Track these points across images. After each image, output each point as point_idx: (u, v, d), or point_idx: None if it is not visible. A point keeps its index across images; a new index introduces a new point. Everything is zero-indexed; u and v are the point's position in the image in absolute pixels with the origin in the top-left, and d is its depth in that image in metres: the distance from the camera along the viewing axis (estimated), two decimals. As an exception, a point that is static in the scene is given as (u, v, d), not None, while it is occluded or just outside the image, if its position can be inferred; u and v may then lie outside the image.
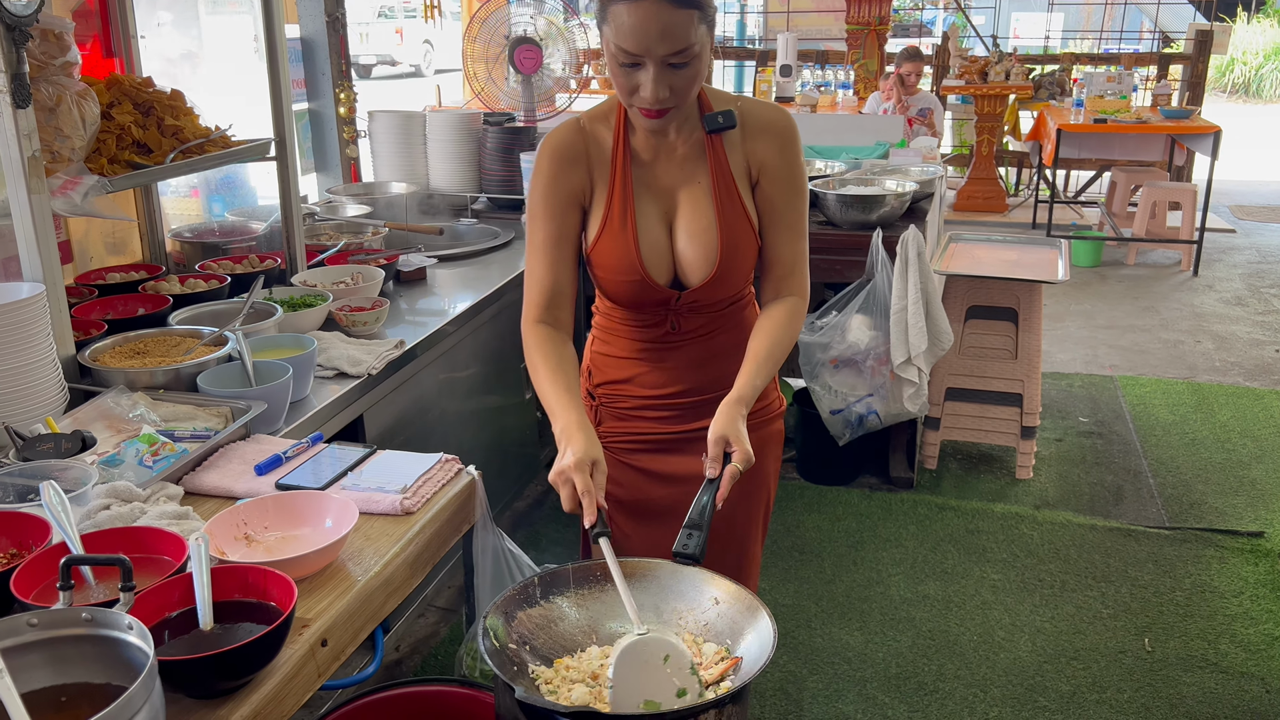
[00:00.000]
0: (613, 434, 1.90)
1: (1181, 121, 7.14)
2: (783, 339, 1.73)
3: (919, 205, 3.83)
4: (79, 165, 2.11)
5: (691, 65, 1.57)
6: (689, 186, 1.74)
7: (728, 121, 1.72)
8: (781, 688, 2.73)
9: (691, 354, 1.83)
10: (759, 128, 1.75)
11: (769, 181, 1.75)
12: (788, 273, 1.78)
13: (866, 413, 3.53)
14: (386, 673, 2.77)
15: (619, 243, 1.72)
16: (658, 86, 1.56)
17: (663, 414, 1.87)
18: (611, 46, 1.56)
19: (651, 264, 1.73)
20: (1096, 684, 2.75)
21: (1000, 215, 8.48)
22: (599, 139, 1.74)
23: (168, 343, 2.20)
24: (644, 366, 1.85)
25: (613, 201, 1.72)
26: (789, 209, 1.77)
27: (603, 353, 1.90)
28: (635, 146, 1.73)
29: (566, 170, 1.72)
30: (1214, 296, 6.43)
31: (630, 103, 1.62)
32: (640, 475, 1.91)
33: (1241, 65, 18.72)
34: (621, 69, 1.58)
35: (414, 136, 3.95)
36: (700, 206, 1.73)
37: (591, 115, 1.77)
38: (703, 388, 1.85)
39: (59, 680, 1.11)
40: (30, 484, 1.53)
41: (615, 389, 1.88)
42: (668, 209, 1.74)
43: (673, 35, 1.52)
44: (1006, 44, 10.77)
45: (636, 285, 1.74)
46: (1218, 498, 3.76)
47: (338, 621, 1.39)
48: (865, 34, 8.18)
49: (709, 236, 1.72)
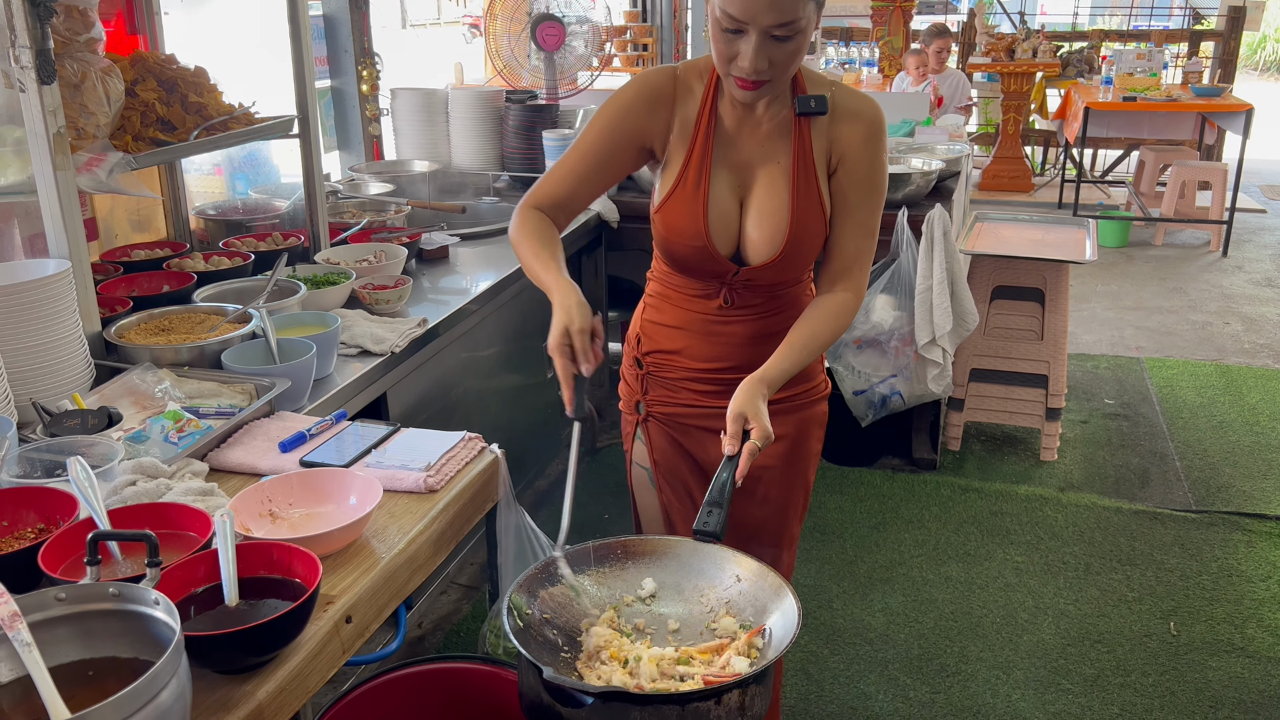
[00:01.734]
0: (658, 402, 1.91)
1: (1213, 99, 7.03)
2: (824, 331, 1.71)
3: (945, 184, 3.79)
4: (104, 142, 2.11)
5: (795, 40, 1.54)
6: (768, 165, 1.71)
7: (820, 106, 1.68)
8: (803, 667, 2.73)
9: (742, 331, 1.82)
10: (848, 116, 1.71)
11: (847, 173, 1.72)
12: (847, 268, 1.75)
13: (890, 394, 3.51)
14: (409, 649, 2.79)
15: (689, 207, 1.70)
16: (758, 57, 1.53)
17: (708, 388, 1.86)
18: (716, 10, 1.53)
19: (717, 234, 1.71)
20: (1121, 667, 2.73)
21: (1026, 195, 8.39)
22: (689, 95, 1.72)
23: (192, 320, 2.20)
24: (694, 339, 1.84)
25: (689, 165, 1.70)
26: (861, 206, 1.74)
27: (654, 320, 1.89)
28: (721, 113, 1.71)
29: (648, 108, 1.71)
30: (1243, 277, 6.34)
31: (727, 71, 1.59)
32: (686, 459, 1.92)
33: (1274, 42, 18.41)
34: (723, 34, 1.55)
35: (436, 114, 3.93)
36: (776, 187, 1.71)
37: (688, 68, 1.75)
38: (750, 365, 1.82)
39: (87, 655, 1.11)
40: (57, 459, 1.54)
41: (664, 358, 1.88)
42: (742, 183, 1.73)
43: (781, 6, 1.49)
44: (1034, 21, 10.64)
45: (698, 251, 1.73)
46: (1245, 481, 3.72)
47: (362, 598, 1.39)
48: (890, 11, 8.09)
49: (780, 219, 1.70)
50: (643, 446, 1.95)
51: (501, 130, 3.86)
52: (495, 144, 3.88)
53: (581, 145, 1.74)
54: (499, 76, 4.13)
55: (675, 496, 1.95)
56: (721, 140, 1.72)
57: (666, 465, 1.93)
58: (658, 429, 1.92)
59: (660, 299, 1.88)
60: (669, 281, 1.85)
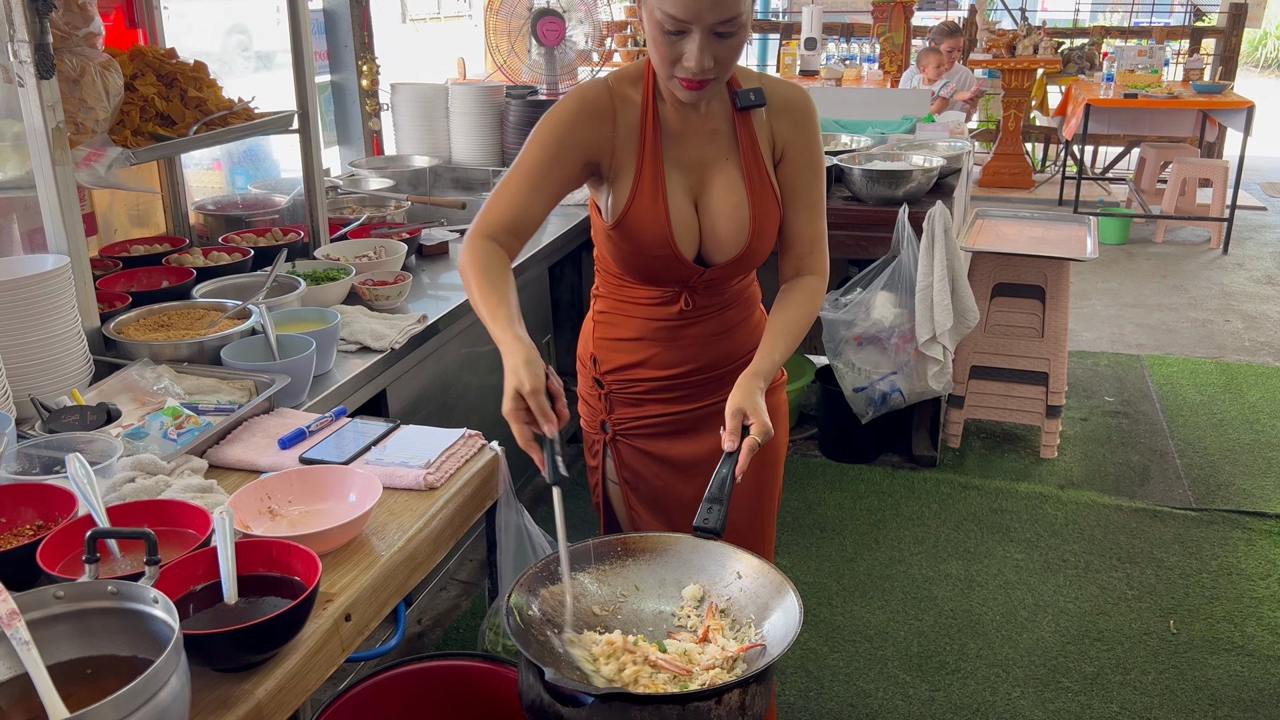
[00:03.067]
0: (625, 420, 1.89)
1: (1214, 96, 7.02)
2: (802, 316, 1.73)
3: (946, 181, 3.78)
4: (103, 137, 2.11)
5: (737, 35, 1.54)
6: (719, 163, 1.71)
7: (759, 99, 1.69)
8: (803, 665, 2.73)
9: (704, 331, 1.82)
10: (782, 107, 1.73)
11: (791, 161, 1.74)
12: (808, 251, 1.77)
13: (890, 390, 3.50)
14: (408, 646, 2.79)
15: (651, 215, 1.68)
16: (703, 55, 1.52)
17: (676, 394, 1.86)
18: (656, 13, 1.51)
19: (680, 238, 1.70)
20: (1120, 665, 2.73)
21: (1027, 191, 8.38)
22: (628, 105, 1.70)
23: (191, 315, 2.20)
24: (656, 348, 1.83)
25: (642, 173, 1.68)
26: (809, 188, 1.76)
27: (609, 338, 1.86)
28: (664, 117, 1.70)
29: (589, 123, 1.68)
30: (1244, 275, 6.34)
31: (671, 73, 1.57)
32: (658, 464, 1.90)
33: (1275, 39, 18.37)
34: (665, 36, 1.53)
35: (436, 109, 3.93)
36: (732, 184, 1.71)
37: (619, 78, 1.72)
38: (715, 363, 1.84)
39: (85, 652, 1.11)
40: (56, 456, 1.54)
41: (625, 374, 1.86)
42: (694, 183, 1.72)
43: (724, 2, 1.49)
44: (1035, 17, 10.61)
45: (663, 259, 1.72)
46: (1246, 479, 3.72)
47: (362, 596, 1.39)
48: (891, 7, 8.07)
49: (740, 215, 1.70)
50: (613, 464, 1.94)
51: (502, 125, 3.86)
52: (495, 139, 3.88)
53: (525, 164, 1.69)
54: (499, 71, 4.12)
55: (647, 513, 1.93)
56: (669, 143, 1.70)
57: (637, 481, 1.92)
58: (626, 446, 1.90)
59: (613, 314, 1.85)
60: (623, 295, 1.83)
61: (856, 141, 4.13)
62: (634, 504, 1.93)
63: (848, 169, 3.54)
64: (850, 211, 3.53)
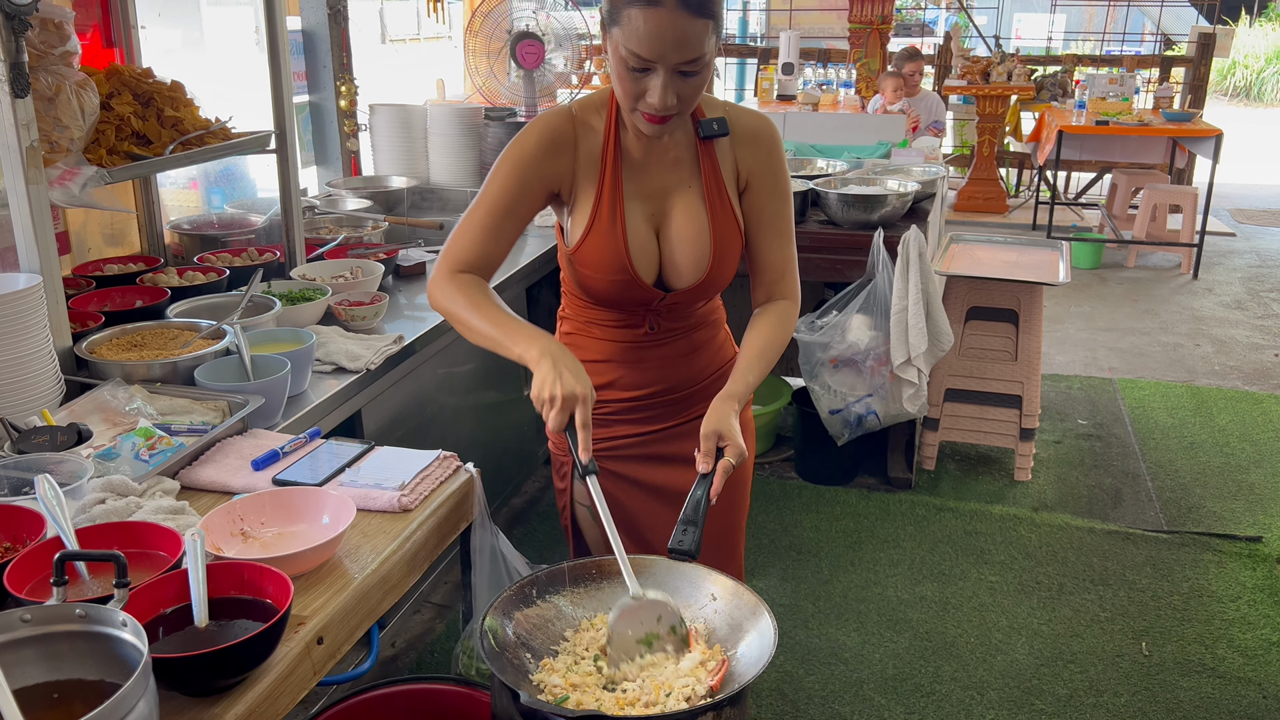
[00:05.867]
0: (594, 441, 1.88)
1: (1183, 124, 7.13)
2: (775, 340, 1.76)
3: (921, 205, 3.82)
4: (77, 156, 2.10)
5: (701, 74, 1.56)
6: (681, 191, 1.73)
7: (722, 129, 1.71)
8: (778, 688, 2.73)
9: (669, 352, 1.84)
10: (746, 136, 1.75)
11: (757, 189, 1.76)
12: (778, 277, 1.80)
13: (866, 413, 3.52)
14: (382, 669, 2.76)
15: (608, 241, 1.70)
16: (666, 94, 1.53)
17: (643, 414, 1.87)
18: (621, 50, 1.52)
19: (639, 263, 1.72)
20: (1093, 687, 2.74)
21: (1000, 216, 8.47)
22: (590, 133, 1.71)
23: (165, 335, 2.18)
24: (622, 369, 1.84)
25: (601, 200, 1.70)
26: (777, 215, 1.78)
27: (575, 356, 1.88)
28: (626, 146, 1.72)
29: (550, 155, 1.70)
30: (1214, 300, 6.43)
31: (634, 107, 1.59)
32: (628, 486, 1.91)
33: (1243, 69, 18.72)
34: (629, 73, 1.54)
35: (415, 130, 3.93)
36: (693, 212, 1.72)
37: (583, 105, 1.74)
38: (682, 383, 1.87)
39: (52, 676, 1.09)
40: (25, 477, 1.52)
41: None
42: (655, 211, 1.73)
43: (688, 43, 1.50)
44: (1009, 44, 10.76)
45: (622, 284, 1.73)
46: (1216, 502, 3.76)
47: (334, 619, 1.38)
48: (868, 33, 8.15)
49: (701, 244, 1.72)
50: (582, 486, 1.94)
51: (480, 147, 3.87)
52: (474, 161, 3.88)
53: (488, 199, 1.69)
54: (478, 93, 4.13)
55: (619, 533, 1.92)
56: (630, 171, 1.72)
57: (611, 500, 1.91)
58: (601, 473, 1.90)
59: (579, 335, 1.87)
60: (588, 317, 1.84)
61: (832, 166, 4.17)
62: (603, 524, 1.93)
63: (823, 193, 3.57)
64: (826, 235, 3.56)
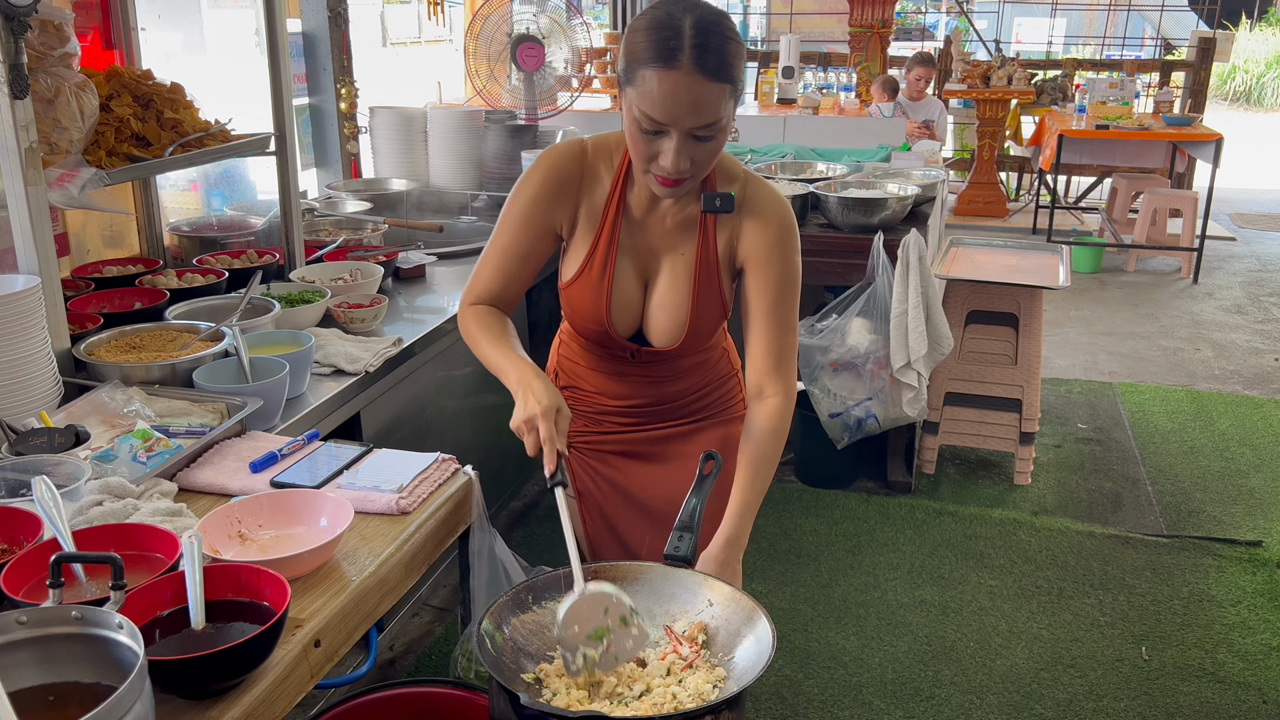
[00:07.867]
0: (581, 433, 1.91)
1: (1183, 128, 7.13)
2: (769, 452, 1.68)
3: (920, 209, 3.82)
4: (77, 157, 2.10)
5: (717, 139, 1.52)
6: (672, 255, 1.72)
7: (725, 205, 1.66)
8: (777, 692, 2.72)
9: (655, 373, 1.84)
10: (756, 213, 1.69)
11: (761, 274, 1.69)
12: (771, 368, 1.70)
13: (865, 416, 3.52)
14: (380, 672, 2.76)
15: (593, 294, 1.71)
16: (679, 157, 1.50)
17: (630, 419, 1.89)
18: (635, 111, 1.49)
19: (619, 318, 1.73)
20: (1093, 692, 2.74)
21: (1000, 220, 8.47)
22: (596, 182, 1.70)
23: (164, 337, 2.18)
24: (609, 381, 1.86)
25: (595, 253, 1.70)
26: (780, 305, 1.70)
27: (570, 358, 1.91)
28: (629, 202, 1.70)
29: (556, 197, 1.69)
30: (1214, 304, 6.42)
31: (647, 169, 1.55)
32: (609, 486, 1.92)
33: (1243, 73, 18.73)
34: (643, 134, 1.51)
35: (415, 133, 3.93)
36: (679, 280, 1.71)
37: (596, 146, 1.71)
38: (669, 399, 1.87)
39: (48, 679, 1.09)
40: (22, 479, 1.52)
41: (583, 394, 1.90)
42: (646, 268, 1.73)
43: (703, 108, 1.46)
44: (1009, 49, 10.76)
45: (600, 333, 1.75)
46: (1216, 506, 3.75)
47: (332, 622, 1.38)
48: (868, 37, 8.16)
49: (680, 314, 1.72)
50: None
51: (480, 150, 3.87)
52: (474, 163, 3.89)
53: (501, 242, 1.72)
54: (478, 96, 4.13)
55: (598, 527, 1.95)
56: (628, 228, 1.71)
57: (589, 496, 1.94)
58: (579, 460, 1.92)
59: (573, 340, 1.89)
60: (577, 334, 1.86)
61: (832, 169, 4.17)
62: (585, 515, 1.95)
63: (823, 196, 3.57)
64: (826, 239, 3.56)
